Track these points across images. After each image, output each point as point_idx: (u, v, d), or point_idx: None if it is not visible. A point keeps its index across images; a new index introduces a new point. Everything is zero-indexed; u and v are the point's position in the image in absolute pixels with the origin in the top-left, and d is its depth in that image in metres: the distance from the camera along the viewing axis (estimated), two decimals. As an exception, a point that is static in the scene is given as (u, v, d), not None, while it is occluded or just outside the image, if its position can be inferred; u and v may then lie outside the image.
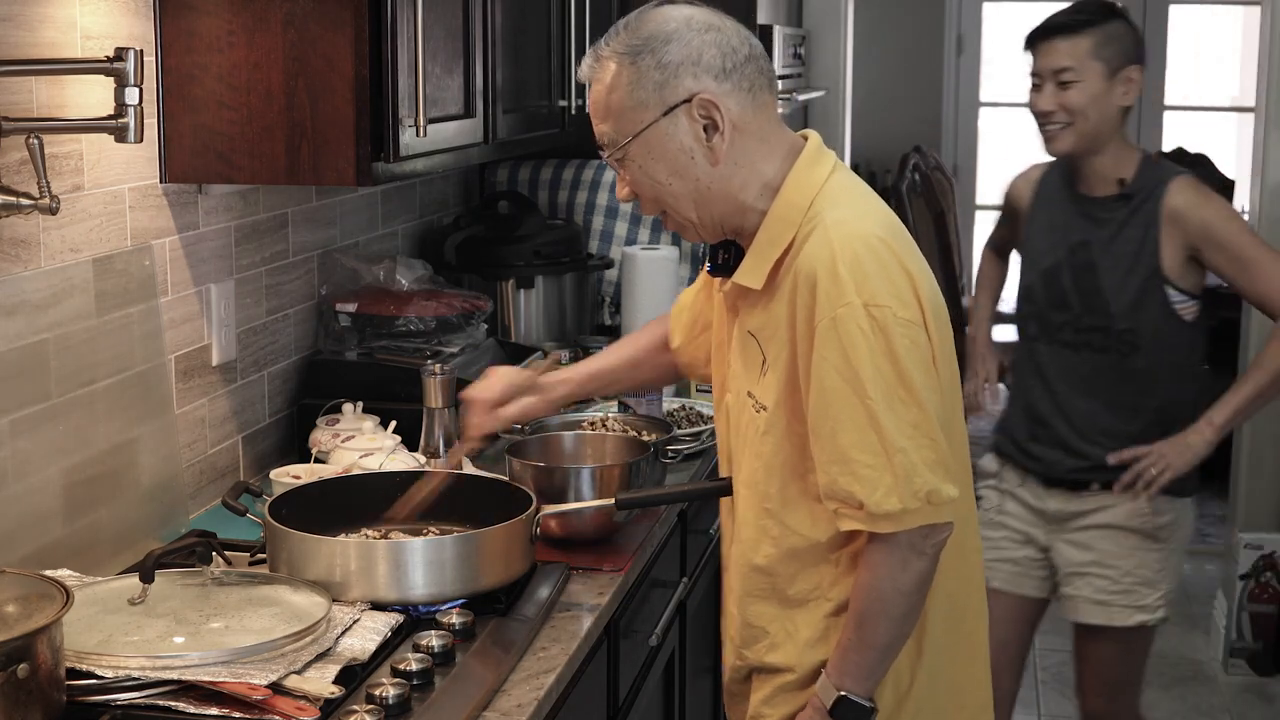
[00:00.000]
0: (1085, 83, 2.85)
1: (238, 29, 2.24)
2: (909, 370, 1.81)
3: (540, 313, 3.41)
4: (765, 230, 1.90)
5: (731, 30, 1.89)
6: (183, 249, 2.41)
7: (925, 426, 1.82)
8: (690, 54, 1.85)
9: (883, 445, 1.80)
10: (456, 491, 2.24)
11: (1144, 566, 2.97)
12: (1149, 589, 2.98)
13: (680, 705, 2.76)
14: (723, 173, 1.88)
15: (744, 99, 1.87)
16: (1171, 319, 2.89)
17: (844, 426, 1.81)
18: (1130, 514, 2.96)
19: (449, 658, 1.85)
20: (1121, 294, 2.89)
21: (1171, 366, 2.92)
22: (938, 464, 1.83)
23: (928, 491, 1.81)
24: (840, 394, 1.81)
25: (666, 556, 2.61)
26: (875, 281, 1.81)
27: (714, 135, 1.86)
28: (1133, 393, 2.93)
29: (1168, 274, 2.87)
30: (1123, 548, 2.97)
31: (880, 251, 1.83)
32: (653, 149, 1.87)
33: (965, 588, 2.03)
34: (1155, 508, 2.94)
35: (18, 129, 1.89)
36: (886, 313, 1.80)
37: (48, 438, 2.05)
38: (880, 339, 1.80)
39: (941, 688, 2.00)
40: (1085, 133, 2.87)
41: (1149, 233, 2.86)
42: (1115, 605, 2.99)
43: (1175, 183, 2.88)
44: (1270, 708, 4.37)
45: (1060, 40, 2.87)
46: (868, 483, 1.80)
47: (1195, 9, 8.33)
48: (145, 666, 1.68)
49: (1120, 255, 2.89)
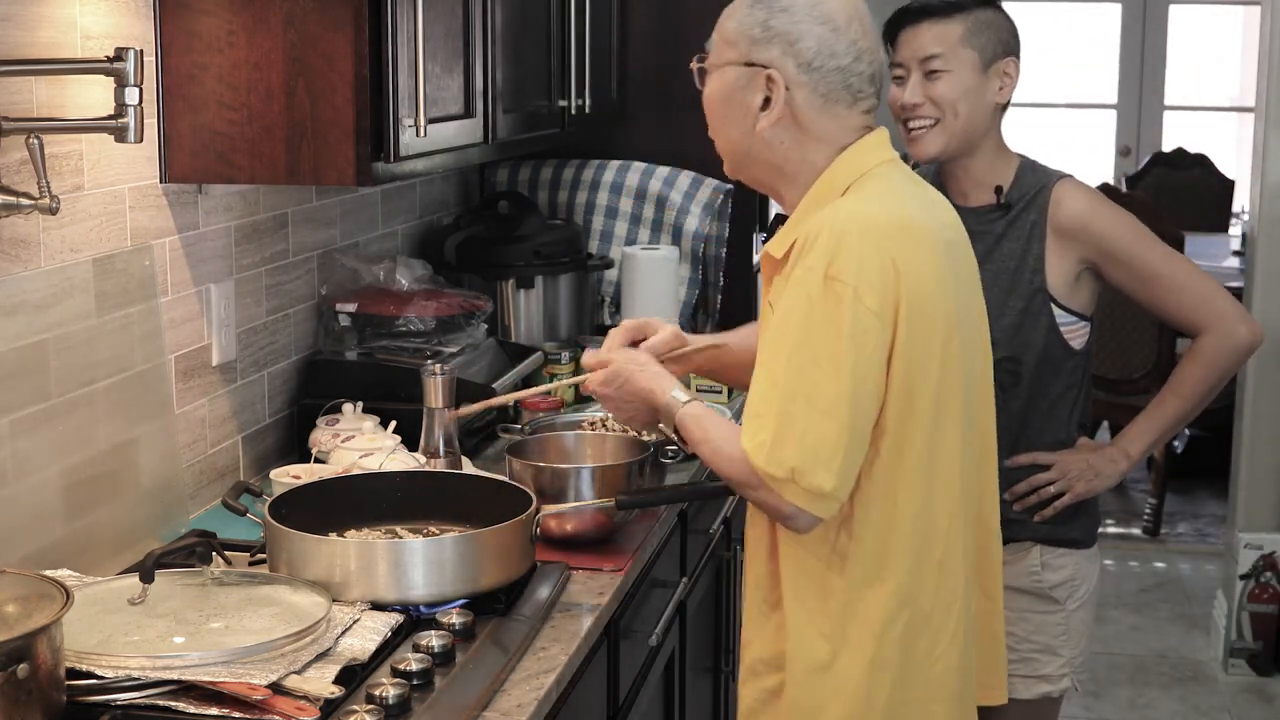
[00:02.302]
0: (956, 73, 2.46)
1: (238, 29, 2.24)
2: (842, 349, 1.81)
3: (540, 313, 3.41)
4: (803, 205, 1.96)
5: (848, 36, 1.92)
6: (183, 249, 2.41)
7: (829, 406, 1.80)
8: (792, 33, 1.91)
9: (776, 402, 1.82)
10: (457, 491, 2.24)
11: (1041, 632, 2.59)
12: (1050, 656, 2.60)
13: (680, 705, 2.76)
14: (763, 141, 1.95)
15: (814, 99, 1.93)
16: (1058, 345, 2.51)
17: (758, 376, 1.87)
18: (1020, 573, 2.56)
19: (449, 658, 1.85)
20: (1001, 317, 2.45)
21: (1054, 403, 2.55)
22: (825, 447, 1.80)
23: (792, 467, 1.80)
24: (769, 346, 1.88)
25: (666, 556, 2.61)
26: (849, 259, 1.82)
27: (766, 111, 1.93)
28: (1011, 435, 2.50)
29: (1054, 292, 2.49)
30: (1017, 611, 2.54)
31: (873, 238, 1.84)
32: (723, 86, 1.97)
33: (940, 608, 1.97)
34: (1046, 563, 2.57)
35: (18, 129, 1.89)
36: (845, 289, 1.81)
37: (48, 438, 2.05)
38: (829, 308, 1.82)
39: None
40: (956, 132, 2.48)
41: (1031, 247, 2.49)
42: (1015, 676, 2.56)
43: (1060, 187, 2.51)
44: (1270, 708, 4.37)
45: (927, 25, 2.47)
46: (749, 430, 1.85)
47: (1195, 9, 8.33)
48: (145, 666, 1.68)
49: (998, 272, 2.49)
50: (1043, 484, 2.55)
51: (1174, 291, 2.51)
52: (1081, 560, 2.62)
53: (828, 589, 1.94)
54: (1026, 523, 2.57)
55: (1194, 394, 2.55)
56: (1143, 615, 5.06)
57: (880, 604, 1.93)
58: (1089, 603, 2.65)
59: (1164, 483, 5.86)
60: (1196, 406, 2.57)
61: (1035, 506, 2.56)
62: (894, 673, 1.94)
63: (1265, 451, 4.56)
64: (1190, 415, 2.59)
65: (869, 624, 1.93)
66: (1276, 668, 4.53)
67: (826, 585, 1.94)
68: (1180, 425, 2.62)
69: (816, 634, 1.95)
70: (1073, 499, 2.55)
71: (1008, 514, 2.55)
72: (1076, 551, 2.61)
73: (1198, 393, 2.55)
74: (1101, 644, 4.73)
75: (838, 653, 1.94)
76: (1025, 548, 2.58)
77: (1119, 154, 8.49)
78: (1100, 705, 4.37)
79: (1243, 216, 6.95)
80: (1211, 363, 2.52)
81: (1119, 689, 4.49)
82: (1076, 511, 2.58)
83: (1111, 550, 5.59)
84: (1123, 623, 4.99)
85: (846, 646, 1.94)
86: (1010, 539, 2.57)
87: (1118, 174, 8.20)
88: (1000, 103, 2.52)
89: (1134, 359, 5.38)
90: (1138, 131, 8.44)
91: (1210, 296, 2.52)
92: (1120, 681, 4.54)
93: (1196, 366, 2.54)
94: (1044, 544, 2.58)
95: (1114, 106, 8.45)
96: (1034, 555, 2.58)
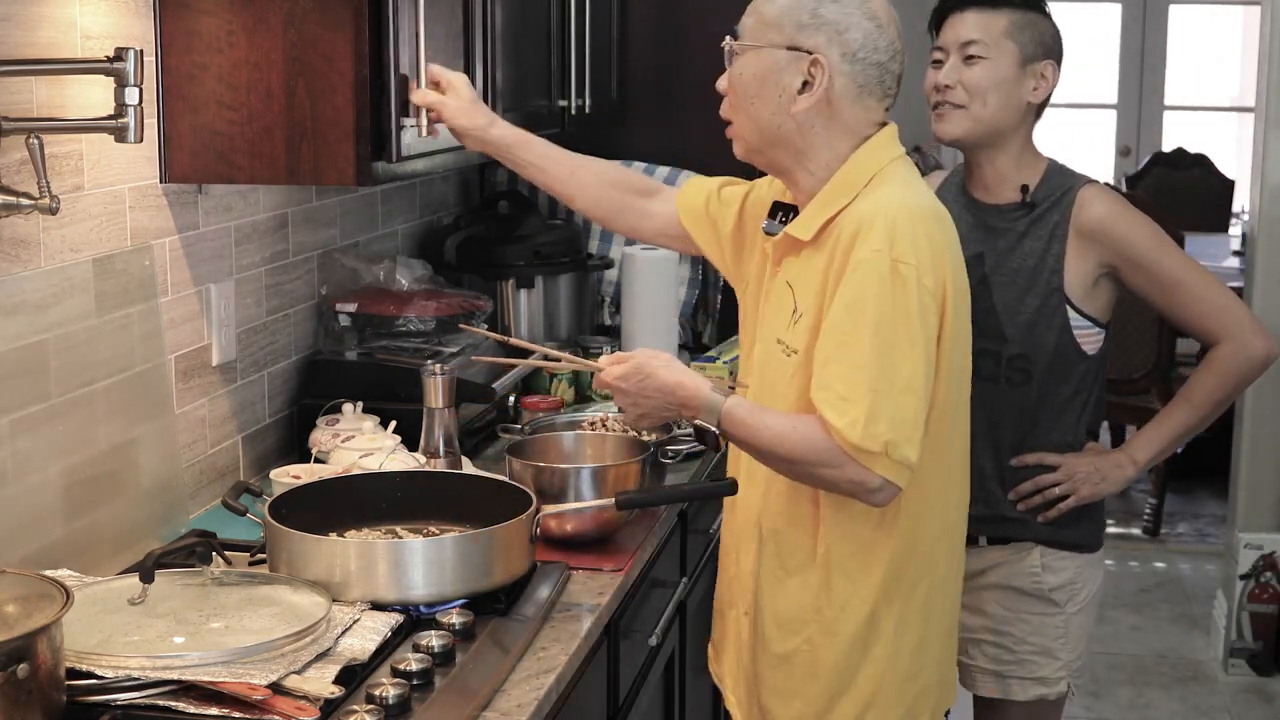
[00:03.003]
0: (994, 61, 2.47)
1: (238, 29, 2.24)
2: (915, 329, 1.92)
3: (540, 313, 3.41)
4: (828, 190, 2.04)
5: (888, 35, 2.04)
6: (183, 249, 2.41)
7: (912, 384, 1.92)
8: (841, 22, 2.01)
9: (864, 382, 1.90)
10: (457, 491, 2.24)
11: (1039, 634, 2.59)
12: (1047, 659, 2.59)
13: (680, 705, 2.76)
14: (795, 124, 2.03)
15: (851, 88, 2.03)
16: (1071, 348, 2.52)
17: (837, 356, 1.93)
18: (1019, 574, 2.57)
19: (449, 658, 1.85)
20: (1016, 314, 2.50)
21: (1063, 405, 2.55)
22: (908, 423, 1.92)
23: (886, 441, 1.90)
24: (844, 326, 1.93)
25: (666, 556, 2.61)
26: (908, 243, 1.93)
27: (805, 93, 2.01)
28: (1019, 432, 2.55)
29: (1071, 294, 2.50)
30: (1015, 612, 2.59)
31: (921, 222, 1.97)
32: (759, 66, 2.04)
33: (952, 574, 2.17)
34: (1047, 564, 2.57)
35: (18, 129, 1.89)
36: (910, 270, 1.93)
37: (48, 438, 2.05)
38: (899, 290, 1.92)
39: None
40: (982, 120, 2.49)
41: (1052, 247, 2.50)
42: (1011, 677, 2.61)
43: (1086, 191, 2.51)
44: (1270, 708, 4.37)
45: (973, 13, 2.50)
46: (839, 410, 1.91)
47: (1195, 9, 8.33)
48: (145, 666, 1.68)
49: (1017, 271, 2.51)
50: (1048, 485, 2.55)
51: (1193, 300, 2.51)
52: (1084, 564, 2.61)
53: (874, 558, 2.06)
54: (1029, 523, 2.57)
55: (1205, 404, 2.54)
56: (1143, 615, 5.06)
57: (912, 569, 2.08)
58: (1090, 607, 2.64)
59: (1164, 483, 5.86)
60: (1208, 417, 2.57)
61: (1039, 507, 2.56)
62: (918, 636, 2.10)
63: (1265, 451, 4.56)
64: (1201, 425, 2.58)
65: (902, 588, 2.08)
66: (1276, 668, 4.52)
67: (873, 554, 2.06)
68: (1189, 435, 2.62)
69: (861, 601, 2.07)
70: (1077, 502, 2.54)
71: (1009, 513, 2.57)
72: (1079, 555, 2.60)
73: (1209, 403, 2.55)
74: (1101, 644, 4.73)
75: (879, 617, 2.07)
76: (1026, 548, 2.58)
77: (1119, 154, 8.49)
78: (1100, 705, 4.37)
79: (1243, 216, 6.95)
80: (1225, 373, 2.52)
81: (1119, 689, 4.49)
82: (1080, 515, 2.58)
83: (1111, 550, 5.55)
84: (1123, 623, 4.99)
85: (889, 611, 2.07)
86: (1011, 539, 2.59)
87: (1118, 174, 8.20)
88: (1033, 102, 2.52)
89: (1134, 359, 5.38)
90: (1138, 131, 8.44)
91: (1228, 307, 2.53)
92: (1120, 681, 4.54)
93: (1210, 376, 2.54)
94: (1045, 545, 2.58)
95: (1114, 106, 8.45)
96: (1034, 556, 2.58)
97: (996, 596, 2.60)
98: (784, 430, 1.98)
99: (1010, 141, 2.53)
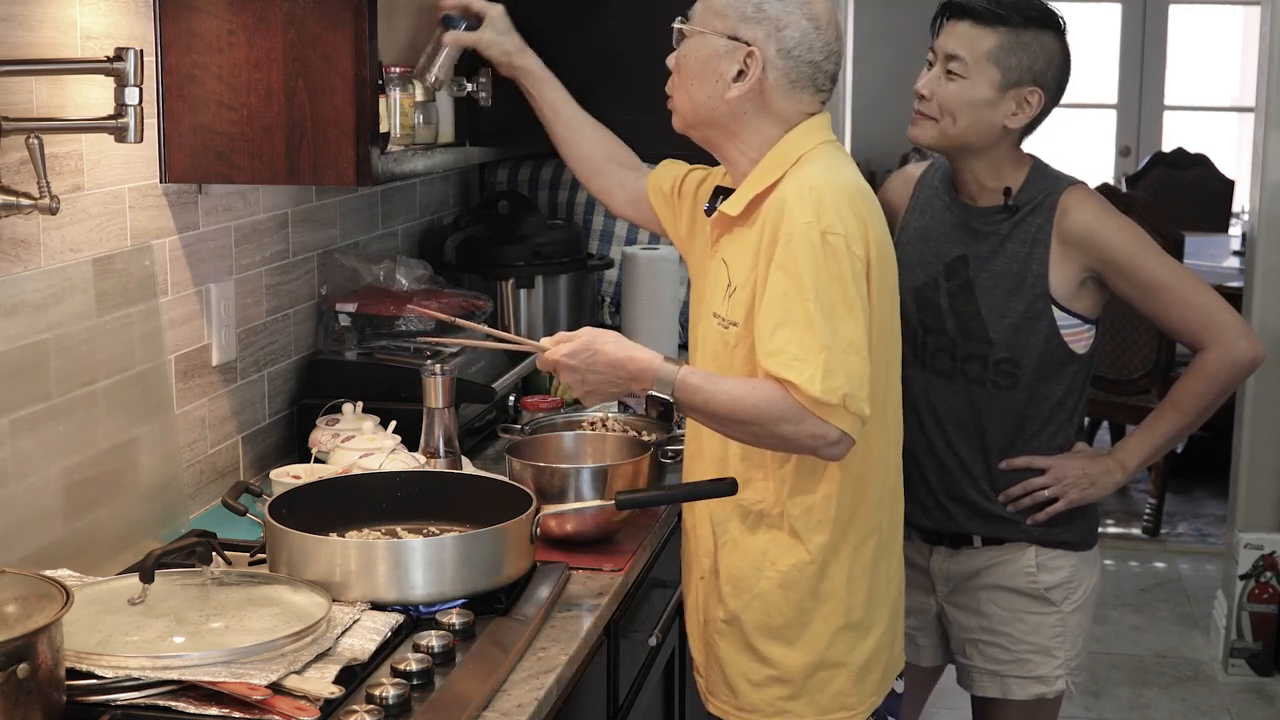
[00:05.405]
0: (971, 82, 2.44)
1: (238, 29, 2.24)
2: (851, 293, 2.01)
3: (540, 313, 3.41)
4: (757, 171, 2.14)
5: (825, 37, 2.12)
6: (183, 249, 2.41)
7: (855, 344, 2.00)
8: (782, 19, 2.09)
9: (814, 343, 1.98)
10: (456, 491, 2.24)
11: (1037, 633, 2.59)
12: (1045, 658, 2.60)
13: (680, 705, 2.76)
14: (727, 109, 2.13)
15: (783, 82, 2.12)
16: (1060, 350, 2.50)
17: (783, 322, 2.00)
18: (1015, 574, 2.58)
19: (449, 658, 1.85)
20: (1001, 318, 2.49)
21: (1053, 407, 2.54)
22: (860, 379, 2.00)
23: (844, 394, 1.99)
24: (786, 295, 2.01)
25: (666, 556, 2.61)
26: (834, 214, 2.02)
27: (739, 82, 2.11)
28: (1007, 435, 2.54)
29: (1057, 295, 2.48)
30: (1012, 612, 2.59)
31: (845, 196, 2.06)
32: (702, 51, 2.14)
33: (894, 535, 2.27)
34: (1042, 564, 2.57)
35: (18, 129, 1.89)
36: (839, 240, 2.01)
37: (48, 438, 2.05)
38: (830, 259, 2.01)
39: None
40: (948, 135, 2.48)
41: (1035, 251, 2.47)
42: (1010, 677, 2.61)
43: (1069, 194, 2.49)
44: (1270, 708, 4.37)
45: (967, 25, 2.45)
46: (796, 369, 1.98)
47: (1195, 9, 8.34)
48: (145, 666, 1.68)
49: (1001, 274, 2.49)
50: (1036, 488, 2.55)
51: (1177, 305, 2.49)
52: (1080, 562, 2.61)
53: (824, 516, 2.14)
54: (1021, 523, 2.58)
55: (1192, 409, 2.53)
56: (1143, 615, 5.06)
57: (858, 527, 2.17)
58: (1087, 605, 2.64)
59: (1164, 483, 5.86)
60: (1194, 421, 2.56)
61: (1028, 509, 2.56)
62: (866, 593, 2.18)
63: (1265, 451, 4.56)
64: (1188, 430, 2.57)
65: (850, 546, 2.17)
66: (1276, 668, 4.53)
67: (824, 513, 2.14)
68: (1177, 439, 2.61)
69: (810, 560, 2.15)
70: (1066, 505, 2.54)
71: (1002, 512, 2.57)
72: (1074, 553, 2.60)
73: (1196, 408, 2.54)
74: (1101, 644, 4.73)
75: (830, 574, 2.16)
76: (1020, 548, 2.59)
77: (1119, 154, 8.50)
78: (1100, 705, 4.37)
79: (1243, 216, 6.96)
80: (1211, 378, 2.51)
81: (1119, 689, 4.49)
82: (1073, 514, 2.58)
83: (1111, 550, 5.59)
84: (1123, 623, 4.99)
85: (840, 568, 2.16)
86: (1005, 539, 2.59)
87: (1118, 174, 8.21)
88: (1010, 127, 2.48)
89: (1134, 359, 5.39)
90: (1138, 131, 8.45)
91: (1213, 311, 2.51)
92: (1120, 681, 4.54)
93: (1195, 381, 2.52)
94: (1040, 545, 2.59)
95: (1114, 106, 8.46)
96: (1029, 556, 2.58)
97: (993, 596, 2.61)
98: (742, 393, 2.04)
99: (984, 156, 2.52)
